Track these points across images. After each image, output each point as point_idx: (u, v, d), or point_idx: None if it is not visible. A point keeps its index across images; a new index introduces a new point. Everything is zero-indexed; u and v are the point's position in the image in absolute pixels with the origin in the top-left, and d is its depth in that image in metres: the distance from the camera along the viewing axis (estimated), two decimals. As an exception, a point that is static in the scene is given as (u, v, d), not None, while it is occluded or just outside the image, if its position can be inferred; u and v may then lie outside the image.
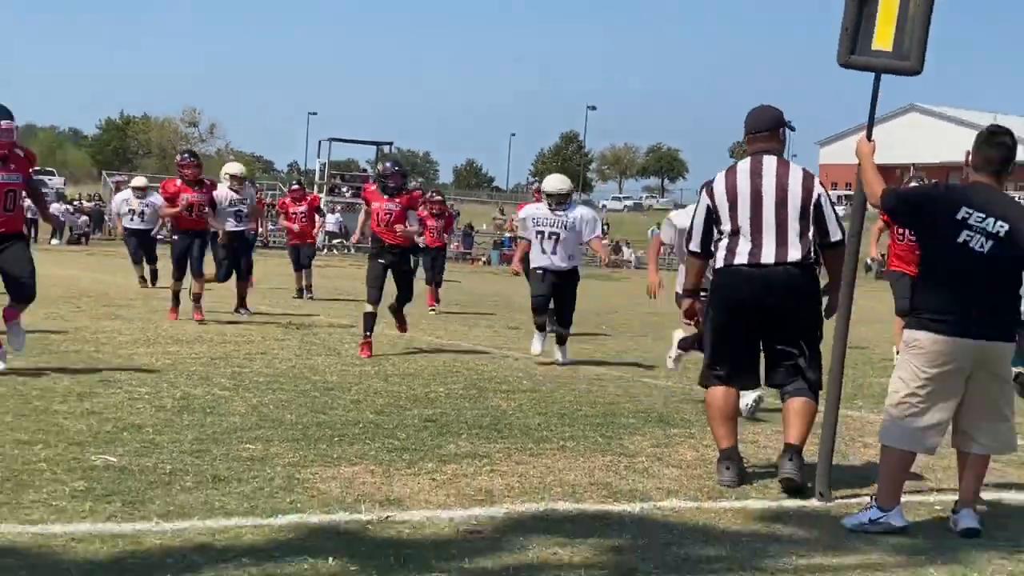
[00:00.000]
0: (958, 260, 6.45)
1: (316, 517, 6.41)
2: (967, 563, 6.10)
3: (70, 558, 5.45)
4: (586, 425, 9.73)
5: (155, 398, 9.90)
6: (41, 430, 8.27)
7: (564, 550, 6.01)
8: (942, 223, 6.53)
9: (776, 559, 6.07)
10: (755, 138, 7.75)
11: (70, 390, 10.11)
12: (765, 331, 7.73)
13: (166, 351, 13.31)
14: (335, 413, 9.70)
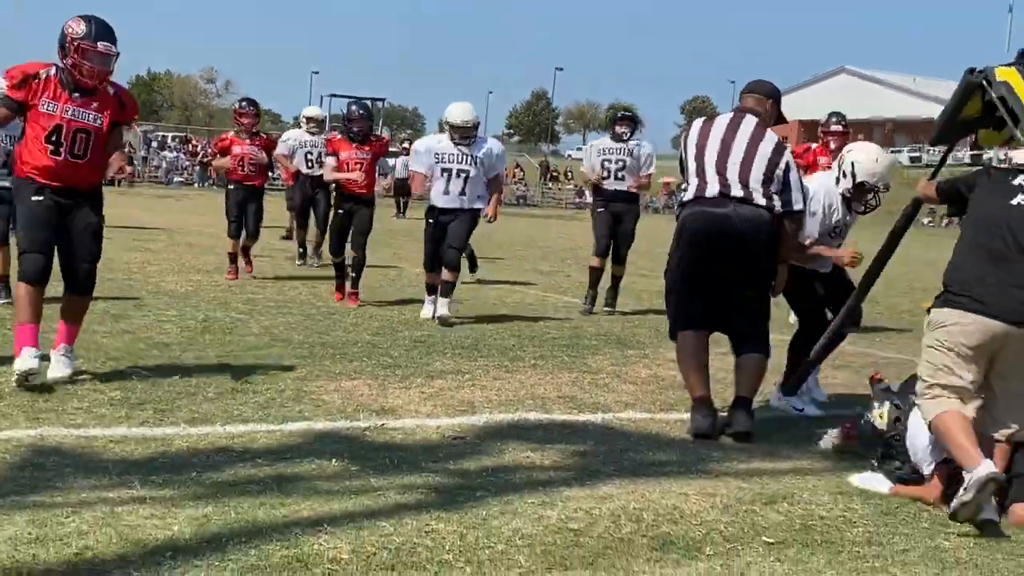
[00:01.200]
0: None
1: (321, 424, 6.45)
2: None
3: (108, 457, 5.49)
4: (554, 346, 9.79)
5: (181, 320, 9.91)
6: (82, 347, 8.25)
7: (535, 454, 6.07)
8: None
9: (720, 463, 6.15)
10: (747, 96, 7.24)
11: (107, 312, 10.08)
12: (730, 273, 6.84)
13: (189, 279, 13.29)
14: (336, 334, 9.74)
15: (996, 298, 5.35)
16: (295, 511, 4.82)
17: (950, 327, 5.46)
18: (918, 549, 4.91)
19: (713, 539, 4.85)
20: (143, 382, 7.21)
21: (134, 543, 4.31)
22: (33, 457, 5.40)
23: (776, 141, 7.03)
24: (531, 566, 4.38)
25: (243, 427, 6.25)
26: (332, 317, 10.75)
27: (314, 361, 8.35)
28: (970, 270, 5.50)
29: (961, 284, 5.50)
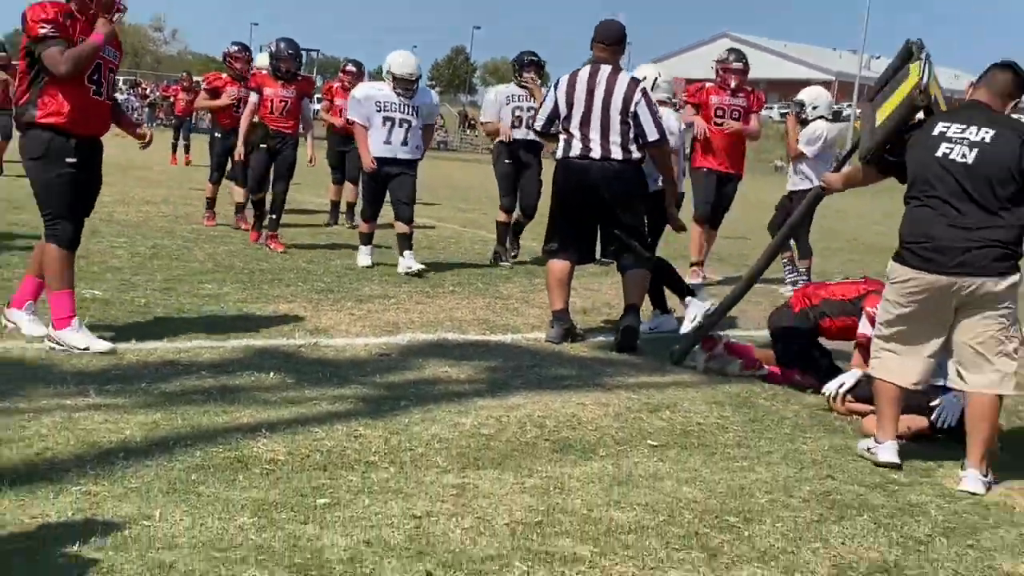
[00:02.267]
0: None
1: (260, 341, 6.42)
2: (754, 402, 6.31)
3: (66, 369, 5.41)
4: (470, 275, 9.80)
5: (131, 247, 9.75)
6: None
7: (452, 369, 6.10)
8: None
9: (612, 377, 6.23)
10: (600, 47, 7.19)
11: (62, 239, 9.89)
12: (596, 216, 7.16)
13: (139, 210, 13.05)
14: (274, 261, 9.65)
15: (944, 252, 4.83)
16: (236, 418, 4.82)
17: (899, 282, 5.03)
18: (780, 451, 5.04)
19: (606, 442, 4.93)
20: (97, 302, 7.09)
21: (90, 445, 4.29)
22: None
23: (628, 80, 7.10)
24: (447, 466, 4.42)
25: (189, 343, 6.20)
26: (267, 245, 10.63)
27: (254, 285, 8.28)
28: (919, 224, 4.96)
29: (909, 240, 4.99)
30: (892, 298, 5.07)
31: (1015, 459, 5.18)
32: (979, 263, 4.77)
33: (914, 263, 4.91)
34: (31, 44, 5.71)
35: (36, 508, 3.62)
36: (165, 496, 3.82)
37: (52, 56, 5.63)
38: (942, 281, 4.83)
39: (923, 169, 4.95)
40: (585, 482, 4.35)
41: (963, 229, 4.79)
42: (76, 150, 5.83)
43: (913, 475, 4.83)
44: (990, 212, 4.78)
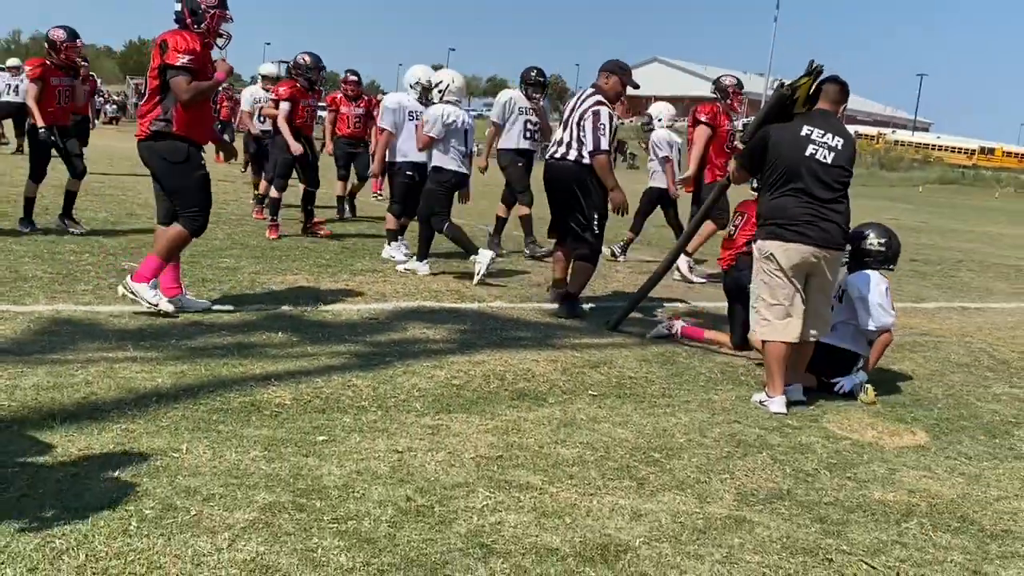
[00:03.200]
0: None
1: (270, 307, 6.37)
2: (667, 358, 6.34)
3: (108, 328, 5.37)
4: (447, 256, 9.76)
5: (163, 227, 9.64)
6: (88, 245, 8.02)
7: (430, 331, 6.10)
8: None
9: (561, 339, 6.24)
10: (600, 72, 7.21)
11: (107, 220, 9.78)
12: (563, 207, 7.16)
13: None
14: (283, 241, 9.55)
15: (811, 228, 5.04)
16: (250, 369, 4.79)
17: (778, 254, 5.10)
18: (696, 400, 5.08)
19: (555, 392, 4.95)
20: (134, 271, 7.01)
21: (128, 391, 4.25)
22: (50, 326, 5.26)
23: (592, 101, 7.01)
24: (424, 410, 4.43)
25: (214, 309, 6.15)
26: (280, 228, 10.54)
27: (265, 260, 8.21)
28: (792, 207, 5.07)
29: (784, 219, 5.09)
30: (768, 269, 5.16)
31: (891, 408, 5.27)
32: (833, 238, 5.11)
33: (788, 237, 5.07)
34: (167, 67, 5.61)
35: (82, 442, 3.60)
36: (191, 433, 3.81)
37: (180, 84, 5.60)
38: (808, 250, 5.06)
39: (795, 164, 5.10)
40: (537, 424, 4.37)
41: (822, 212, 5.07)
42: (202, 156, 5.91)
43: (804, 421, 4.89)
44: (838, 200, 5.14)
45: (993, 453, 4.63)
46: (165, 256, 5.87)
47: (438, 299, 7.24)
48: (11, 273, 6.52)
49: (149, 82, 5.76)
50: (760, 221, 5.28)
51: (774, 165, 5.19)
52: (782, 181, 5.14)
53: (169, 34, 5.71)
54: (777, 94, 5.49)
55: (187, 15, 5.77)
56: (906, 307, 9.02)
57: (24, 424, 3.72)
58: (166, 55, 5.61)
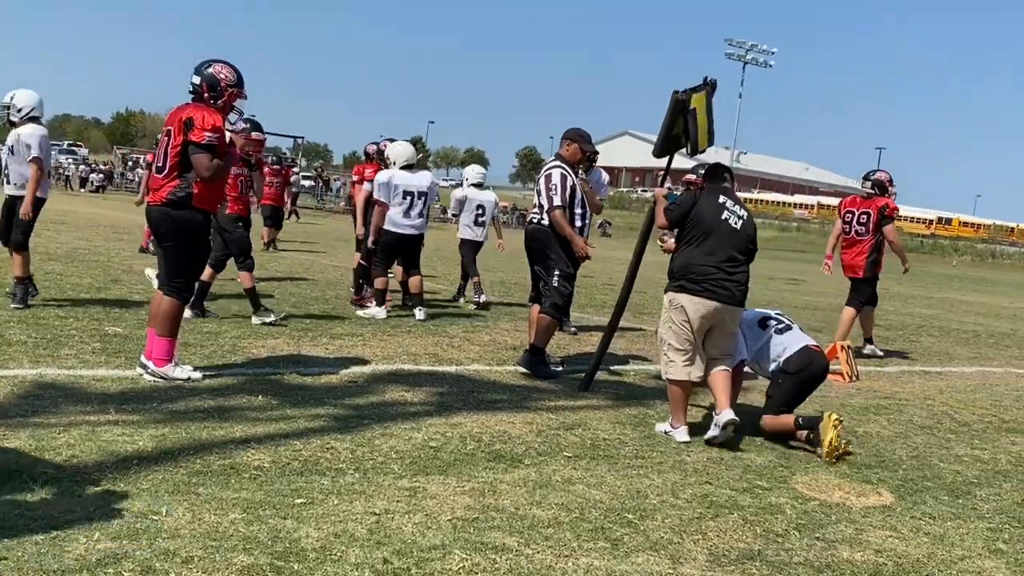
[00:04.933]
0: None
1: (250, 371, 6.33)
2: (645, 417, 6.34)
3: (91, 391, 5.31)
4: (423, 319, 9.76)
5: (147, 293, 9.52)
6: (72, 310, 7.95)
7: (407, 393, 6.07)
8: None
9: (536, 401, 6.23)
10: (561, 140, 7.46)
11: (92, 285, 9.71)
12: (533, 266, 7.37)
13: (154, 263, 12.80)
14: (264, 303, 9.52)
15: (719, 285, 5.54)
16: (230, 432, 4.74)
17: (687, 306, 5.55)
18: (669, 462, 5.06)
19: (530, 453, 4.93)
20: (117, 337, 6.97)
21: (109, 454, 4.20)
22: (34, 390, 5.19)
23: (548, 166, 7.35)
24: (402, 472, 4.39)
25: (195, 373, 6.09)
26: (261, 295, 10.50)
27: (247, 325, 8.16)
28: (701, 267, 5.57)
29: (694, 276, 5.56)
30: (678, 319, 5.63)
31: (858, 470, 5.27)
32: (737, 295, 5.61)
33: (696, 292, 5.56)
34: (190, 142, 5.61)
35: (64, 504, 3.53)
36: (171, 495, 3.75)
37: (203, 162, 5.64)
38: (713, 305, 5.54)
39: (710, 225, 5.65)
40: (513, 486, 4.33)
41: (729, 271, 5.60)
42: (210, 228, 6.00)
43: (773, 482, 4.88)
44: (742, 262, 5.69)
45: (957, 513, 4.63)
46: (171, 332, 5.86)
47: (416, 362, 7.21)
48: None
49: (169, 156, 5.71)
50: (672, 275, 5.74)
51: (695, 224, 5.70)
52: (698, 238, 5.67)
53: (193, 110, 5.71)
54: (673, 100, 6.12)
55: (205, 90, 5.80)
56: (870, 371, 9.07)
57: (4, 487, 3.65)
58: (191, 132, 5.61)
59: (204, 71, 5.84)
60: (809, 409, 6.75)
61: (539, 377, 7.05)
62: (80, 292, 9.15)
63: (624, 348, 9.00)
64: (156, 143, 5.92)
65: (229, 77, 5.88)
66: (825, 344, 9.12)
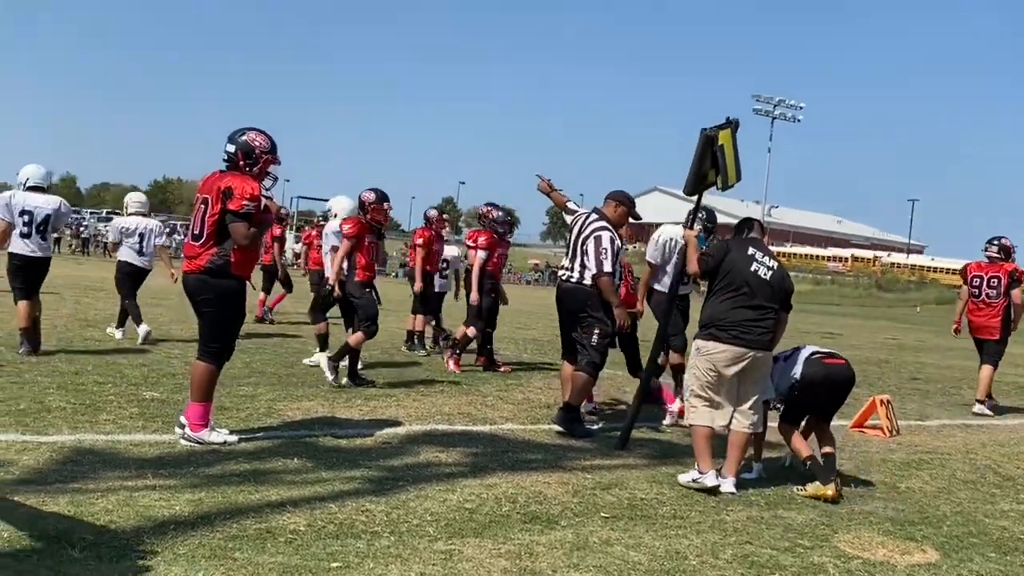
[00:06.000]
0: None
1: (285, 433, 6.35)
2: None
3: (129, 456, 5.34)
4: (456, 377, 9.76)
5: (183, 357, 9.67)
6: (111, 375, 8.05)
7: (442, 455, 6.05)
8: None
9: (572, 460, 6.18)
10: (606, 200, 7.40)
11: (129, 350, 9.84)
12: (568, 325, 7.32)
13: (191, 327, 12.94)
14: (299, 367, 9.59)
15: (749, 332, 5.71)
16: (265, 496, 4.74)
17: (716, 354, 5.74)
18: (708, 521, 4.99)
19: (567, 514, 4.87)
20: (155, 402, 7.03)
21: (147, 518, 4.21)
22: (73, 455, 5.23)
23: (596, 225, 7.17)
24: (437, 535, 4.36)
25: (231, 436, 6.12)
26: (295, 355, 10.58)
27: (281, 387, 8.21)
28: (730, 314, 5.74)
29: (723, 323, 5.75)
30: (703, 366, 5.80)
31: (901, 526, 5.16)
32: (764, 341, 5.76)
33: (725, 339, 5.72)
34: (229, 211, 5.68)
35: (103, 570, 3.54)
36: (207, 560, 3.74)
37: (241, 230, 5.70)
38: (740, 351, 5.70)
39: (740, 276, 5.82)
40: (550, 548, 4.29)
41: (756, 319, 5.75)
42: (245, 293, 6.04)
43: (815, 540, 4.78)
44: (772, 310, 5.83)
45: (1005, 570, 4.52)
46: (207, 396, 5.90)
47: (450, 422, 7.20)
48: (36, 404, 6.53)
49: (207, 224, 5.76)
50: (702, 323, 5.90)
51: (725, 275, 5.87)
52: (728, 289, 5.83)
53: (231, 179, 5.77)
54: (702, 137, 6.33)
55: (240, 158, 5.87)
56: (910, 425, 8.93)
57: (44, 553, 3.66)
58: (230, 201, 5.67)
59: (238, 139, 5.91)
60: (849, 466, 6.66)
61: (574, 436, 7.01)
62: (118, 357, 9.26)
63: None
64: (192, 210, 5.97)
65: (264, 144, 5.95)
66: (864, 397, 9.01)
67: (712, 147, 6.35)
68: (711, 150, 6.36)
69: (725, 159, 6.39)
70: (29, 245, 8.91)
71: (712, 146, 6.35)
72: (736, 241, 6.06)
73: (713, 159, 6.39)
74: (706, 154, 6.39)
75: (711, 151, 6.36)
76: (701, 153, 6.39)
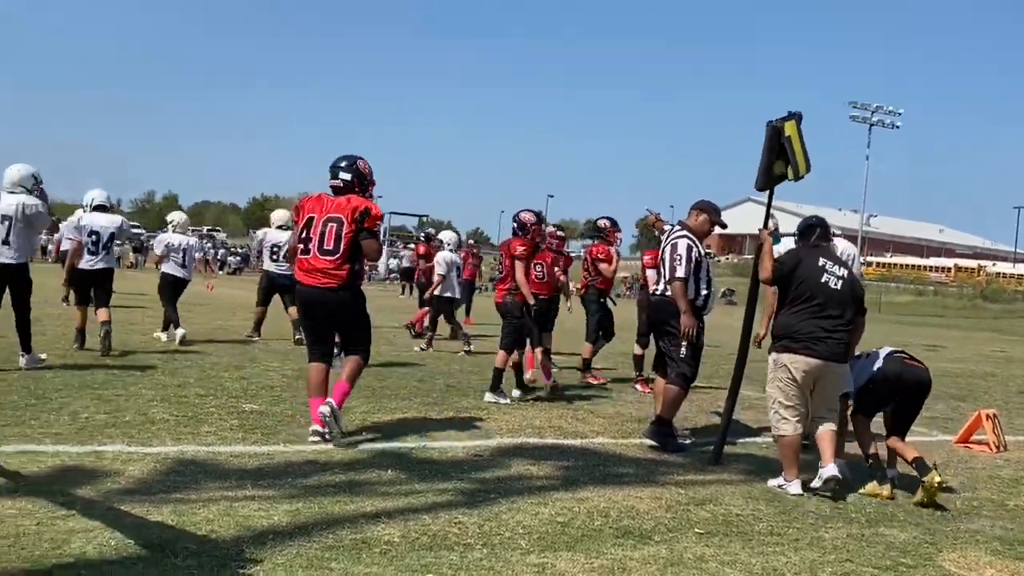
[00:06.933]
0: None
1: (380, 444, 6.43)
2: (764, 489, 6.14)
3: (229, 467, 5.48)
4: (546, 389, 9.75)
5: (282, 370, 9.91)
6: (212, 388, 8.28)
7: (533, 468, 6.05)
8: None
9: (665, 475, 6.12)
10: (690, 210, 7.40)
11: (229, 364, 10.10)
12: (659, 338, 7.32)
13: (288, 342, 13.28)
14: (391, 380, 9.72)
15: (822, 343, 5.81)
16: (361, 507, 4.81)
17: (792, 365, 5.87)
18: (806, 538, 4.87)
19: (659, 530, 4.82)
20: (254, 413, 7.20)
21: (246, 528, 4.31)
22: (176, 466, 5.40)
23: (674, 235, 7.21)
24: (529, 548, 4.35)
25: (325, 447, 6.23)
26: (388, 368, 10.73)
27: (375, 400, 8.33)
28: (803, 325, 5.86)
29: (796, 335, 5.86)
30: (783, 377, 5.91)
31: (1010, 546, 4.95)
32: (837, 351, 5.84)
33: (800, 350, 5.83)
34: (365, 230, 6.36)
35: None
36: (305, 570, 3.81)
37: (374, 246, 6.46)
38: (815, 362, 5.81)
39: (812, 287, 5.91)
40: (642, 563, 4.24)
41: (829, 329, 5.83)
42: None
43: (918, 559, 4.63)
44: (844, 320, 5.91)
45: None
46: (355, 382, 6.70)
47: (541, 435, 7.20)
48: (140, 416, 6.76)
49: (343, 242, 6.32)
50: (776, 335, 6.03)
51: (797, 286, 5.95)
52: (799, 300, 5.92)
53: (360, 202, 6.41)
54: (769, 129, 6.37)
55: (357, 184, 6.53)
56: (1019, 440, 8.57)
57: (148, 562, 3.78)
58: (367, 221, 6.36)
59: (354, 167, 6.55)
60: (954, 482, 6.44)
61: (667, 450, 6.94)
62: (219, 371, 9.52)
63: (755, 420, 8.78)
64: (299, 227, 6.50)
65: (371, 170, 6.65)
66: (969, 411, 8.70)
67: (779, 138, 6.37)
68: (779, 142, 6.38)
69: (793, 149, 6.38)
70: (91, 260, 10.26)
71: (779, 137, 6.37)
72: (807, 250, 6.14)
73: (781, 151, 6.41)
74: (774, 146, 6.41)
75: (779, 143, 6.38)
76: (769, 145, 6.42)
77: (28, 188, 8.84)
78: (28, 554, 3.75)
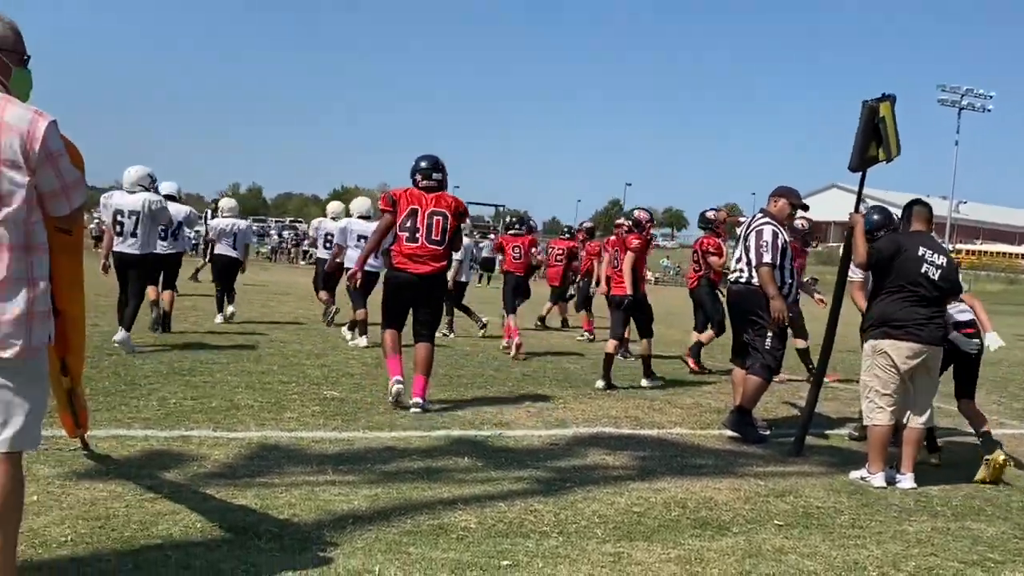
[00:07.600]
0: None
1: (456, 432, 6.49)
2: (844, 483, 6.01)
3: (310, 452, 5.59)
4: (622, 379, 9.71)
5: (361, 358, 10.07)
6: (294, 375, 8.45)
7: (609, 458, 6.03)
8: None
9: (743, 467, 6.05)
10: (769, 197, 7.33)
11: (311, 352, 10.29)
12: (740, 327, 7.19)
13: (373, 330, 13.45)
14: (468, 369, 9.80)
15: (924, 328, 5.83)
16: (438, 493, 4.86)
17: (891, 351, 5.86)
18: (889, 531, 4.77)
19: (738, 521, 4.77)
20: (335, 400, 7.34)
21: (327, 512, 4.39)
22: (259, 451, 5.53)
23: (758, 221, 7.16)
24: (606, 537, 4.35)
25: (403, 433, 6.32)
26: (465, 357, 10.82)
27: (452, 388, 8.41)
28: (902, 312, 5.86)
29: (896, 322, 5.86)
30: (883, 363, 5.89)
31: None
32: (937, 336, 5.90)
33: (900, 336, 5.83)
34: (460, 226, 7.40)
35: (286, 561, 3.72)
36: (383, 555, 3.87)
37: (462, 240, 7.96)
38: (917, 347, 5.81)
39: (911, 276, 5.88)
40: (720, 554, 4.20)
41: (929, 316, 5.86)
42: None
43: (1007, 555, 4.49)
44: (942, 307, 5.97)
45: None
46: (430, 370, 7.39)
47: (617, 425, 7.18)
48: (226, 402, 6.93)
49: (449, 233, 7.21)
50: (873, 323, 5.99)
51: (896, 275, 5.91)
52: (897, 289, 5.89)
53: (460, 201, 7.39)
54: (866, 109, 6.32)
55: (445, 181, 7.42)
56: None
57: (233, 543, 3.89)
58: (456, 213, 7.24)
59: (442, 168, 7.38)
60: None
61: (746, 441, 6.85)
62: (301, 358, 9.71)
63: (836, 410, 8.62)
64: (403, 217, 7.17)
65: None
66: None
67: (875, 119, 6.33)
68: (874, 122, 6.33)
69: (887, 131, 6.33)
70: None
71: (874, 118, 6.32)
72: (907, 236, 6.08)
73: (876, 132, 6.35)
74: (869, 126, 6.36)
75: (874, 123, 6.33)
76: (865, 125, 6.38)
77: (145, 187, 9.58)
78: (117, 535, 3.88)
